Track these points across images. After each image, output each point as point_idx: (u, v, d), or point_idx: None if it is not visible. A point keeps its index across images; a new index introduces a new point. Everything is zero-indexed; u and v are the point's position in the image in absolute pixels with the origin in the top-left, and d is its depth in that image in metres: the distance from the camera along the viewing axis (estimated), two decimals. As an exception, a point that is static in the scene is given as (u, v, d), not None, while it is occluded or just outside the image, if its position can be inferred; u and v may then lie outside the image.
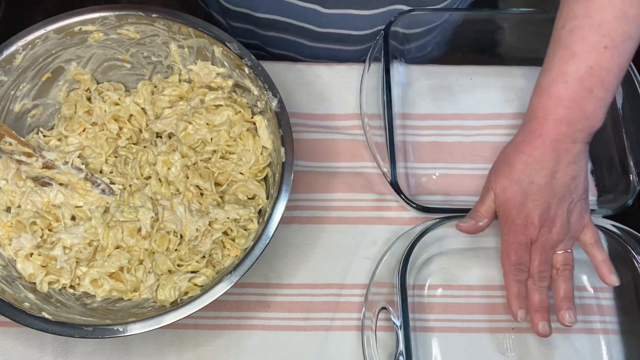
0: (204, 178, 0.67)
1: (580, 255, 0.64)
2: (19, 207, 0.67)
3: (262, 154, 0.68)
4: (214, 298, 0.57)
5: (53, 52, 0.67)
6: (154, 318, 0.56)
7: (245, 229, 0.65)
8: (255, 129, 0.69)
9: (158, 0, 1.57)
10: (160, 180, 0.67)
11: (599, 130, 0.61)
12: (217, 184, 0.68)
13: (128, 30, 0.68)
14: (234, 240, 0.64)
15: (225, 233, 0.65)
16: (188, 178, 0.67)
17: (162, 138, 0.71)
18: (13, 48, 0.65)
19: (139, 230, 0.65)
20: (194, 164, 0.68)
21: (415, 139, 0.76)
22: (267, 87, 0.65)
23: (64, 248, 0.64)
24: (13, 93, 0.67)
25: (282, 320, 0.68)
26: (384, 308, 0.63)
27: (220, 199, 0.67)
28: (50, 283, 0.63)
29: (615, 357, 0.66)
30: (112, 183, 0.69)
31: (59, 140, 0.71)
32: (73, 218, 0.67)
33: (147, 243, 0.65)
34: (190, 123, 0.69)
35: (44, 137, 0.71)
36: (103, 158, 0.70)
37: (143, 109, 0.72)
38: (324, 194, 0.73)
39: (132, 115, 0.71)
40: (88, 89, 0.72)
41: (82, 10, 0.66)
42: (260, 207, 0.67)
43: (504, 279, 0.63)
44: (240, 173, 0.68)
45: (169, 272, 0.63)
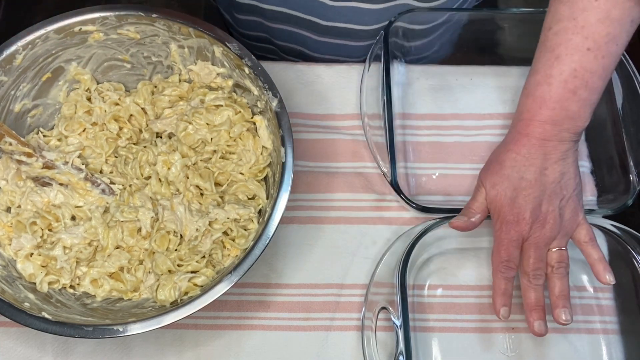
0: (204, 178, 0.67)
1: (580, 255, 0.64)
2: (19, 207, 0.67)
3: (262, 154, 0.68)
4: (214, 298, 0.57)
5: (53, 52, 0.67)
6: (154, 318, 0.56)
7: (245, 229, 0.65)
8: (255, 129, 0.69)
9: (158, 0, 1.58)
10: (160, 180, 0.67)
11: (599, 130, 0.61)
12: (217, 184, 0.68)
13: (128, 30, 0.68)
14: (234, 240, 0.64)
15: (225, 233, 0.65)
16: (188, 178, 0.67)
17: (162, 138, 0.71)
18: (13, 48, 0.65)
19: (139, 230, 0.65)
20: (194, 164, 0.68)
21: (415, 139, 0.76)
22: (267, 87, 0.65)
23: (64, 248, 0.64)
24: (13, 93, 0.67)
25: (282, 320, 0.68)
26: (384, 308, 0.63)
27: (220, 199, 0.67)
28: (50, 283, 0.63)
29: (615, 357, 0.66)
30: (112, 183, 0.69)
31: (59, 140, 0.71)
32: (73, 218, 0.67)
33: (147, 243, 0.65)
34: (190, 123, 0.69)
35: (44, 137, 0.71)
36: (103, 158, 0.70)
37: (143, 109, 0.72)
38: (324, 194, 0.73)
39: (132, 115, 0.71)
40: (88, 89, 0.72)
41: (82, 10, 0.66)
42: (260, 207, 0.67)
43: (492, 276, 0.63)
44: (241, 173, 0.68)
45: (169, 272, 0.63)
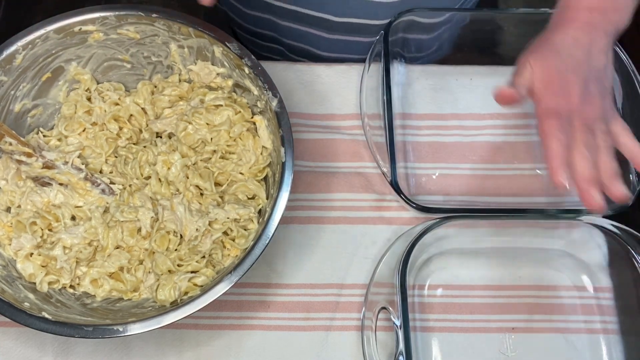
0: (204, 178, 0.67)
1: (580, 255, 0.64)
2: (19, 207, 0.67)
3: (262, 154, 0.68)
4: (214, 298, 0.57)
5: (53, 52, 0.67)
6: (154, 318, 0.56)
7: (245, 229, 0.65)
8: (255, 129, 0.69)
9: (158, 0, 1.58)
10: (160, 180, 0.67)
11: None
12: (217, 184, 0.68)
13: (128, 30, 0.68)
14: (234, 240, 0.64)
15: (225, 233, 0.65)
16: (188, 178, 0.67)
17: (162, 138, 0.71)
18: (13, 48, 0.65)
19: (139, 230, 0.65)
20: (194, 164, 0.68)
21: (415, 139, 0.76)
22: (267, 87, 0.65)
23: (64, 248, 0.64)
24: (13, 93, 0.67)
25: (282, 320, 0.68)
26: (384, 308, 0.63)
27: (220, 199, 0.67)
28: (50, 283, 0.63)
29: (615, 357, 0.66)
30: (112, 183, 0.69)
31: (59, 140, 0.71)
32: (73, 218, 0.67)
33: (147, 243, 0.65)
34: (190, 123, 0.69)
35: (44, 137, 0.71)
36: (103, 158, 0.70)
37: (143, 109, 0.72)
38: (324, 194, 0.73)
39: (132, 115, 0.71)
40: (88, 89, 0.72)
41: (82, 10, 0.66)
42: (260, 207, 0.67)
43: (543, 143, 0.56)
44: (240, 173, 0.68)
45: (169, 272, 0.63)
